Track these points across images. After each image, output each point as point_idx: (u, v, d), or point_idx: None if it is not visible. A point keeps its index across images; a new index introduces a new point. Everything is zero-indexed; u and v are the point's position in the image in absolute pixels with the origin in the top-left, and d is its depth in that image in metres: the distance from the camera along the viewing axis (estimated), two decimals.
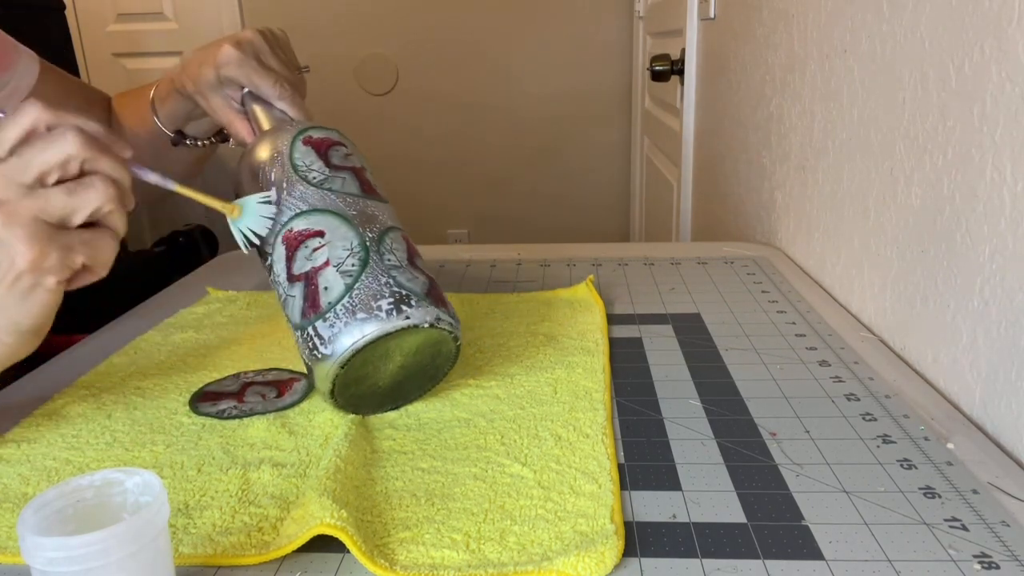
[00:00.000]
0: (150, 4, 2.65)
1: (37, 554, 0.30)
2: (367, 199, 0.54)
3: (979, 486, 0.43)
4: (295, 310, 0.50)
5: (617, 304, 0.75)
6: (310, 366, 0.50)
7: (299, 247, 0.51)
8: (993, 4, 0.50)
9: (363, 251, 0.50)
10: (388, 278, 0.49)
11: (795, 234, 0.90)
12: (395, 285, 0.49)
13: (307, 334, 0.49)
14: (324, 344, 0.48)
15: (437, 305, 0.50)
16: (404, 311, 0.48)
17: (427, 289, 0.51)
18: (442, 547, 0.39)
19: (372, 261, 0.50)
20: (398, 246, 0.52)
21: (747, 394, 0.55)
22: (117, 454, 0.49)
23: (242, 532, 0.40)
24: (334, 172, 0.54)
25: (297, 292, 0.50)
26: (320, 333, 0.48)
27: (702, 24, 1.44)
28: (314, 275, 0.50)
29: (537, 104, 2.69)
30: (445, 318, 0.50)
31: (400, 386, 0.53)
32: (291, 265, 0.51)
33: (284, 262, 0.51)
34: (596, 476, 0.44)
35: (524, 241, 1.01)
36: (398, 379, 0.52)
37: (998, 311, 0.50)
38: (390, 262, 0.51)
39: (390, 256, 0.51)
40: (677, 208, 1.67)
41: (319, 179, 0.53)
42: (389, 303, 0.48)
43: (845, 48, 0.75)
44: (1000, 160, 0.49)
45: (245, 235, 0.52)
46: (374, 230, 0.52)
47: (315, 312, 0.49)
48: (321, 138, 0.57)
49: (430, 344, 0.51)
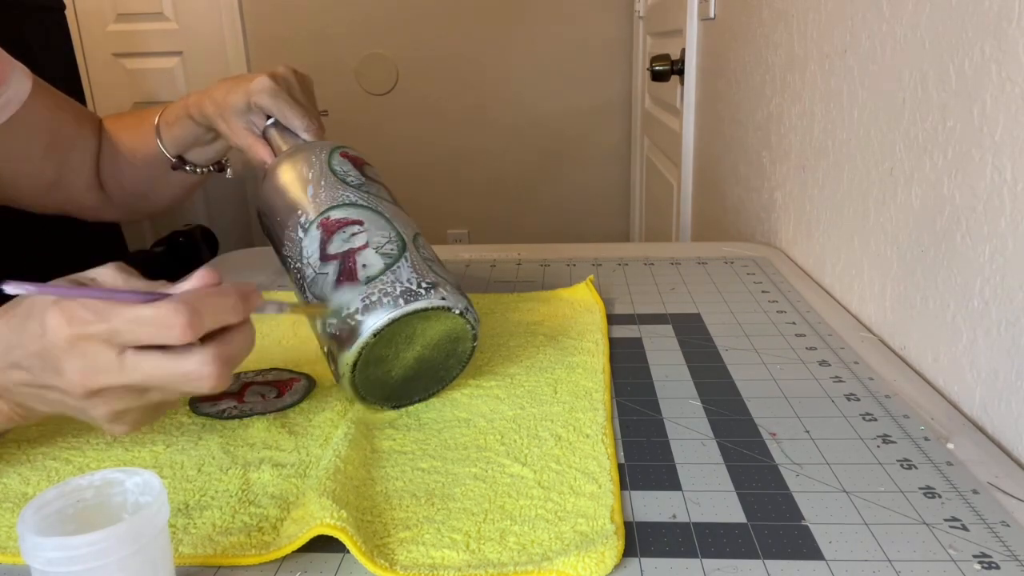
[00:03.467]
0: (150, 4, 2.65)
1: (37, 554, 0.30)
2: (398, 207, 0.58)
3: (979, 486, 0.43)
4: (326, 285, 0.51)
5: (617, 304, 0.75)
6: (336, 338, 0.50)
7: (337, 231, 0.53)
8: (993, 4, 0.50)
9: (400, 241, 0.53)
10: (425, 265, 0.52)
11: (795, 234, 0.90)
12: (432, 272, 0.52)
13: (337, 319, 0.50)
14: (359, 312, 0.49)
15: (466, 299, 0.53)
16: (440, 292, 0.51)
17: (457, 284, 0.54)
18: (442, 547, 0.39)
19: (409, 250, 0.53)
20: (429, 247, 0.56)
21: (747, 394, 0.55)
22: (117, 454, 0.49)
23: (242, 532, 0.40)
24: (369, 181, 0.59)
25: (331, 269, 0.52)
26: (354, 304, 0.49)
27: (702, 24, 1.44)
28: (352, 254, 0.52)
29: (537, 104, 2.69)
30: (472, 312, 0.52)
31: (409, 382, 0.53)
32: (326, 247, 0.53)
33: (318, 244, 0.53)
34: (596, 476, 0.44)
35: (524, 241, 1.01)
36: (410, 372, 0.53)
37: (998, 311, 0.50)
38: (425, 255, 0.54)
39: (424, 251, 0.54)
40: (677, 208, 1.67)
41: (356, 183, 0.57)
42: (428, 283, 0.51)
43: (845, 48, 0.75)
44: (1000, 160, 0.49)
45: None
46: (408, 229, 0.55)
47: (351, 284, 0.50)
48: (356, 155, 0.61)
49: (450, 339, 0.53)
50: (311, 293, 0.52)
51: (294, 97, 0.67)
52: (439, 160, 2.76)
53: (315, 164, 0.58)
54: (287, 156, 0.60)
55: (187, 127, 0.74)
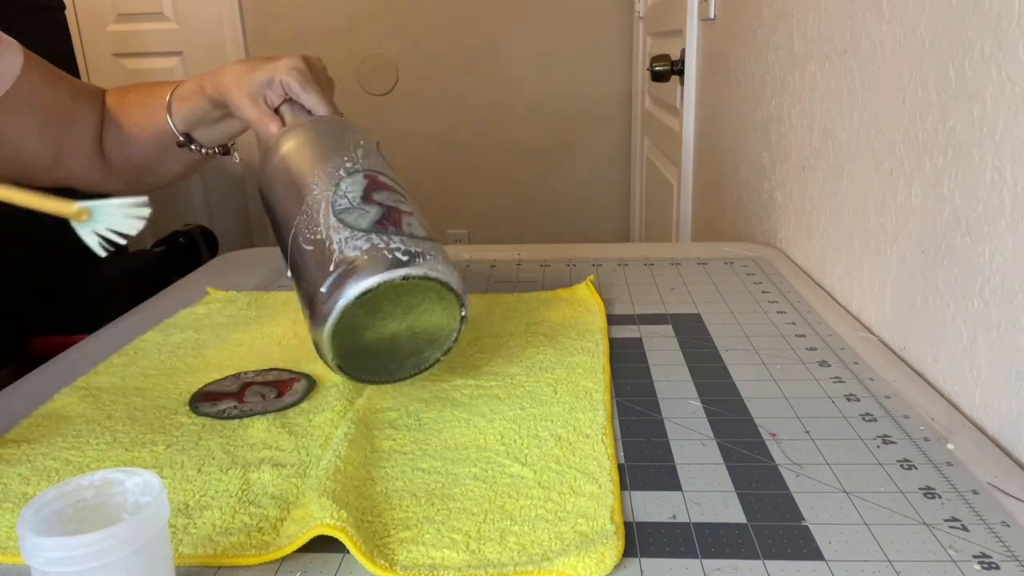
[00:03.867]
0: (150, 4, 2.65)
1: (37, 554, 0.30)
2: None
3: (979, 486, 0.43)
4: (364, 218, 0.52)
5: (617, 304, 0.75)
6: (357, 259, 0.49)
7: (384, 189, 0.55)
8: (993, 4, 0.50)
9: (429, 228, 0.55)
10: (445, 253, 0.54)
11: (795, 234, 0.90)
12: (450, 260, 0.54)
13: (379, 238, 0.50)
14: (400, 252, 0.49)
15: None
16: (456, 273, 0.52)
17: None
18: (442, 547, 0.39)
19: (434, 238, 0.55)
20: None
21: (747, 394, 0.55)
22: (117, 454, 0.49)
23: (242, 532, 0.40)
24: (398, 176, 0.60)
25: (373, 210, 0.52)
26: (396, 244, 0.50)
27: (702, 24, 1.44)
28: (398, 210, 0.53)
29: (537, 104, 2.69)
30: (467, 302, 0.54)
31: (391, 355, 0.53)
32: (372, 194, 0.54)
33: (363, 188, 0.54)
34: (596, 476, 0.44)
35: (524, 241, 1.01)
36: (394, 343, 0.53)
37: (998, 311, 0.50)
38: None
39: None
40: (677, 208, 1.67)
41: (393, 172, 0.60)
42: (459, 277, 0.52)
43: (845, 48, 0.75)
44: (1000, 160, 0.49)
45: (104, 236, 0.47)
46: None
47: (396, 229, 0.51)
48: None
49: (442, 322, 0.53)
50: (339, 218, 0.52)
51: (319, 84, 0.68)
52: (439, 160, 2.76)
53: (365, 135, 0.60)
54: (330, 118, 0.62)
55: (198, 103, 0.73)
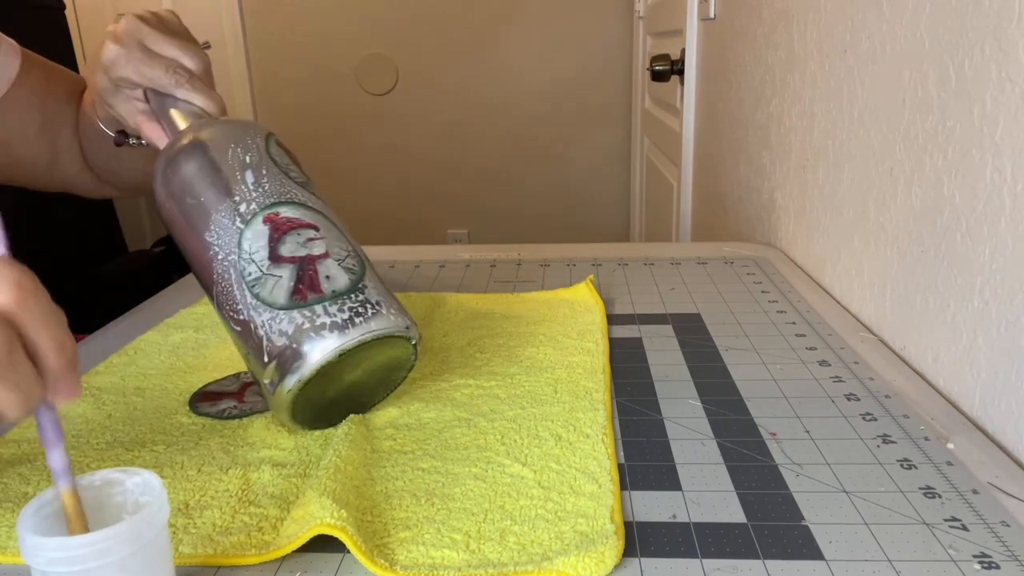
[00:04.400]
0: (150, 4, 2.65)
1: (37, 554, 0.30)
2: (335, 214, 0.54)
3: (979, 486, 0.43)
4: (279, 289, 0.48)
5: (617, 304, 0.75)
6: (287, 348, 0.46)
7: (289, 232, 0.49)
8: (993, 4, 0.50)
9: (360, 257, 0.51)
10: (383, 287, 0.51)
11: (795, 234, 0.90)
12: (391, 295, 0.50)
13: (300, 314, 0.47)
14: (326, 326, 0.46)
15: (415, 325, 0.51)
16: (405, 319, 0.49)
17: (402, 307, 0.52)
18: (442, 547, 0.39)
19: (368, 268, 0.51)
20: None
21: (747, 394, 0.55)
22: (117, 454, 0.49)
23: (242, 532, 0.40)
24: (308, 180, 0.54)
25: (285, 273, 0.48)
26: (320, 315, 0.47)
27: (702, 24, 1.44)
28: (312, 262, 0.48)
29: (537, 104, 2.69)
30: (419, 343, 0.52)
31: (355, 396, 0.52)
32: (277, 246, 0.49)
33: (266, 240, 0.49)
34: (596, 476, 0.44)
35: (524, 241, 1.01)
36: (356, 387, 0.51)
37: (998, 311, 0.50)
38: (377, 273, 0.52)
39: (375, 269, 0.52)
40: (677, 208, 1.67)
41: (299, 180, 0.52)
42: (396, 308, 0.49)
43: (845, 48, 0.75)
44: (1000, 160, 0.49)
45: None
46: (356, 243, 0.52)
47: (316, 295, 0.47)
48: (289, 148, 0.56)
49: (396, 352, 0.51)
50: (254, 294, 0.48)
51: (151, 51, 0.57)
52: (439, 160, 2.76)
53: (251, 147, 0.52)
54: (211, 129, 0.53)
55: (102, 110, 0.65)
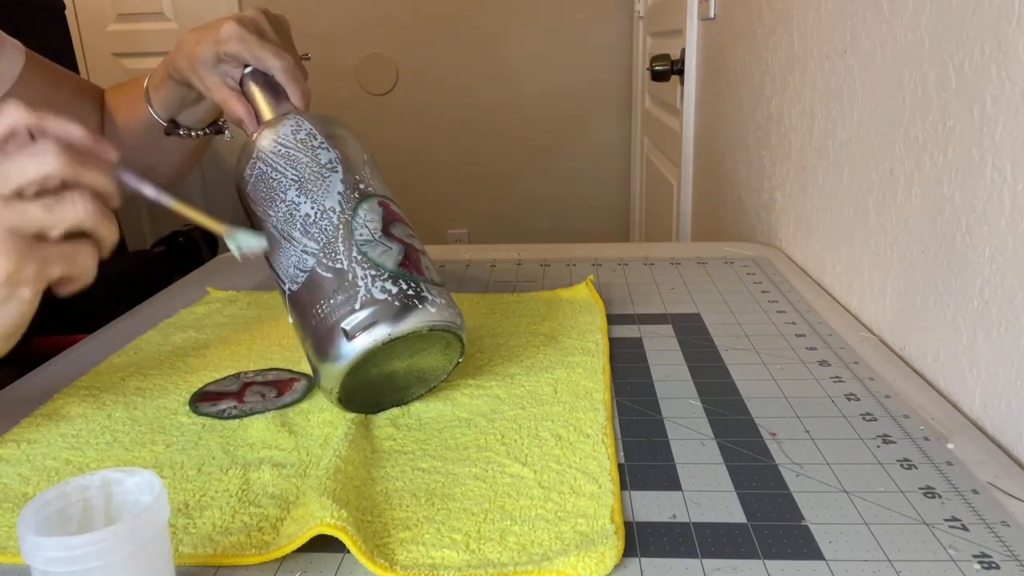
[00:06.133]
0: (150, 4, 2.65)
1: (37, 554, 0.30)
2: None
3: (979, 486, 0.43)
4: (388, 257, 0.51)
5: (617, 304, 0.75)
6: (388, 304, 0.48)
7: (397, 220, 0.53)
8: (993, 4, 0.50)
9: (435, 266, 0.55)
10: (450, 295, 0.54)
11: (795, 234, 0.90)
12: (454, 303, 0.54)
13: (405, 283, 0.50)
14: (428, 301, 0.50)
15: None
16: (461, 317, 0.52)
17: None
18: (442, 547, 0.39)
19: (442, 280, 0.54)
20: None
21: (747, 394, 0.55)
22: (117, 454, 0.49)
23: (242, 532, 0.40)
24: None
25: (395, 248, 0.51)
26: (423, 290, 0.50)
27: (702, 24, 1.44)
28: (415, 251, 0.53)
29: (537, 104, 2.69)
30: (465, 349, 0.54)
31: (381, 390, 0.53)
32: (389, 226, 0.52)
33: (381, 219, 0.52)
34: (596, 476, 0.44)
35: (524, 241, 1.01)
36: (390, 380, 0.52)
37: (998, 311, 0.50)
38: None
39: None
40: (677, 208, 1.67)
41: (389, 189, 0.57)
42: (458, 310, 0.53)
43: (845, 48, 0.75)
44: (1000, 160, 0.49)
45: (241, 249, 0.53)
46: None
47: (419, 274, 0.51)
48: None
49: (437, 364, 0.54)
50: (362, 252, 0.50)
51: (266, 38, 0.62)
52: (439, 160, 2.76)
53: (362, 143, 0.57)
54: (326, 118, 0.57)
55: (171, 87, 0.69)
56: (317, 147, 0.54)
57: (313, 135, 0.55)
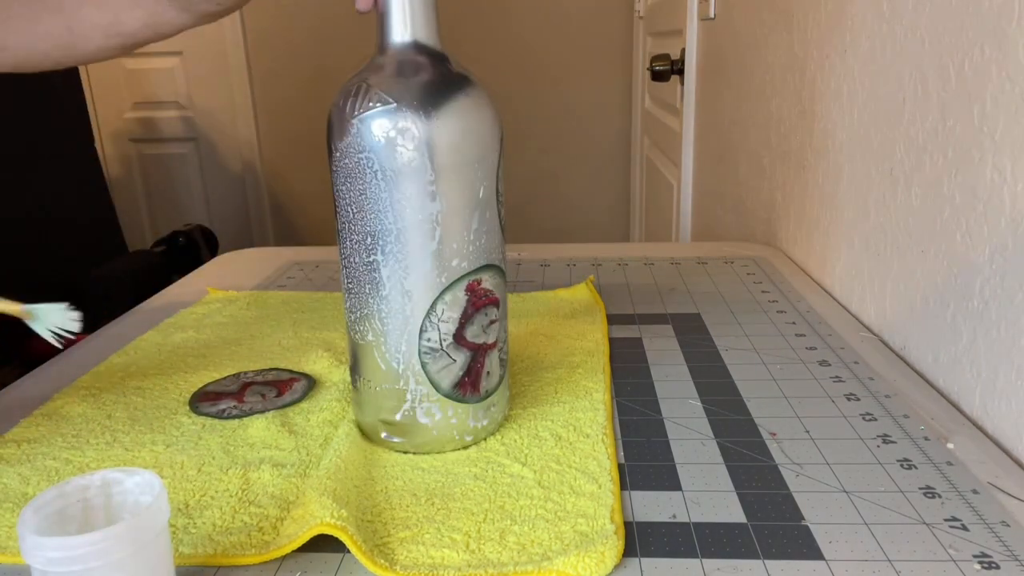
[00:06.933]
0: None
1: (37, 554, 0.30)
2: None
3: (979, 486, 0.43)
4: (446, 375, 0.45)
5: (617, 304, 0.75)
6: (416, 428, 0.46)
7: (480, 310, 0.44)
8: (993, 4, 0.50)
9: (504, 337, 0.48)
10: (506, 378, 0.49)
11: (795, 234, 0.90)
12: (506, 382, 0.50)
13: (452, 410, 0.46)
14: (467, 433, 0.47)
15: None
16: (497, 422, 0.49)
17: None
18: (442, 547, 0.39)
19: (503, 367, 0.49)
20: None
21: (747, 394, 0.55)
22: (117, 454, 0.49)
23: (242, 532, 0.40)
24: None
25: (460, 359, 0.44)
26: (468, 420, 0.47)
27: (702, 24, 1.44)
28: (483, 353, 0.45)
29: (537, 104, 2.69)
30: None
31: None
32: (465, 326, 0.44)
33: (460, 313, 0.43)
34: (596, 476, 0.44)
35: (524, 241, 1.01)
36: None
37: (998, 311, 0.50)
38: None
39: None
40: (677, 208, 1.67)
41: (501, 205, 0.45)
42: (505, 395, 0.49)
43: (845, 48, 0.75)
44: (1000, 160, 0.49)
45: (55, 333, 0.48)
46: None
47: (474, 394, 0.46)
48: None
49: None
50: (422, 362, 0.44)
51: None
52: None
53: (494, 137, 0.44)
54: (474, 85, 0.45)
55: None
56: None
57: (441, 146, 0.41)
